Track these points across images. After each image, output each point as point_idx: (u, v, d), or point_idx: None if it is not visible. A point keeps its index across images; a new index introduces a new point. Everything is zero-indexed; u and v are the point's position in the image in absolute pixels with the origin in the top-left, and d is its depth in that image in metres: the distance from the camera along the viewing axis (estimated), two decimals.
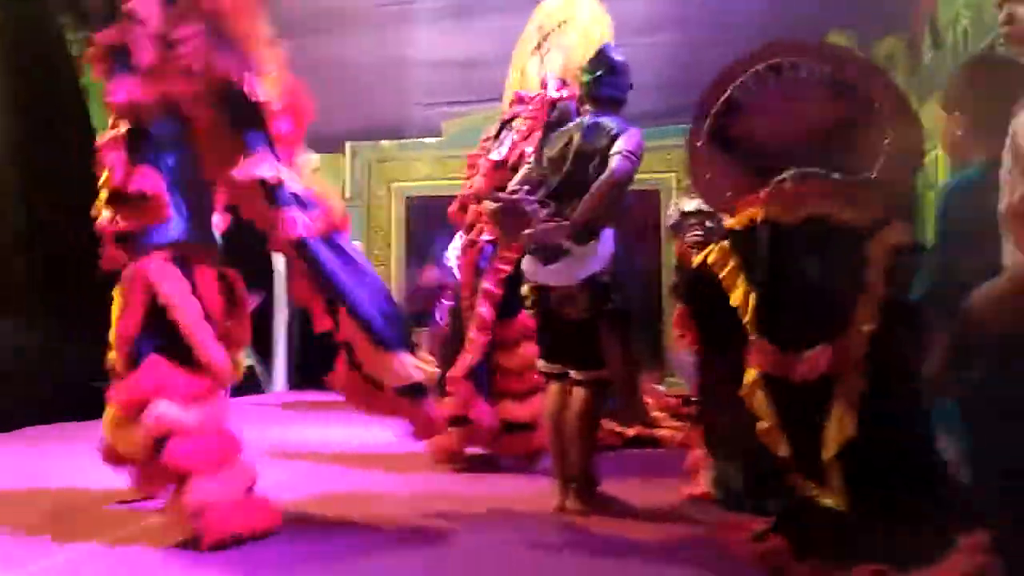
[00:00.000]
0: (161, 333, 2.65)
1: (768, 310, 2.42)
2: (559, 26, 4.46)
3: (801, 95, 2.54)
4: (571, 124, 3.27)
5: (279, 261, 8.70)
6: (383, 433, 5.35)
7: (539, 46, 4.52)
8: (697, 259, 2.79)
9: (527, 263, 3.10)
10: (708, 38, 6.96)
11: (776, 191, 2.44)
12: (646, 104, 3.77)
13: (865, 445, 2.26)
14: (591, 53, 3.40)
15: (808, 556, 2.28)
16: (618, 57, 3.27)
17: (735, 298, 2.47)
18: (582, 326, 3.03)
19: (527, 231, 2.98)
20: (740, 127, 2.60)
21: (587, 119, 3.17)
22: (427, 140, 8.84)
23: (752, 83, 2.57)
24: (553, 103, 4.02)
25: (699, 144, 2.67)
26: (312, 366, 8.89)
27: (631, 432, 4.71)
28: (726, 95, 2.60)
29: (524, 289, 3.20)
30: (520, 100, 4.25)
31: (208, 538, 2.50)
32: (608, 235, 2.99)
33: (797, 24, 6.52)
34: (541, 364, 3.26)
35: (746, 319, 2.44)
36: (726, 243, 2.58)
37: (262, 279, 8.47)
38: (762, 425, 2.40)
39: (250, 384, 7.89)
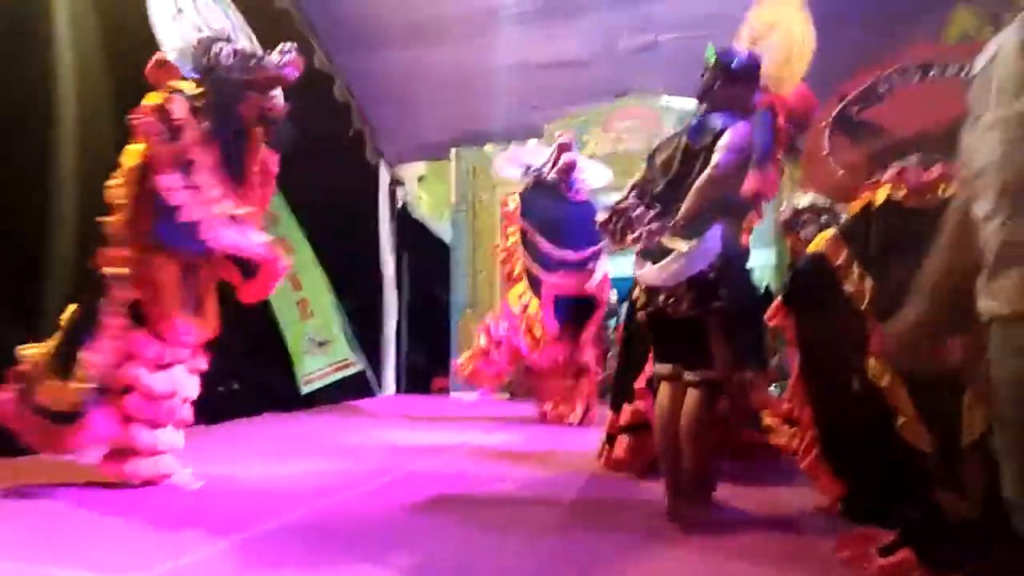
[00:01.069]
0: None
1: (891, 295, 2.31)
2: (768, 29, 4.29)
3: (940, 87, 2.53)
4: (682, 127, 3.21)
5: (388, 266, 8.96)
6: (507, 436, 5.44)
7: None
8: (806, 253, 2.73)
9: (636, 265, 3.07)
10: (824, 25, 6.68)
11: (903, 174, 2.39)
12: None
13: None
14: (795, 57, 3.30)
15: (940, 571, 2.15)
16: (735, 59, 3.12)
17: (850, 284, 2.39)
18: (690, 325, 2.97)
19: (632, 235, 2.97)
20: (871, 113, 2.63)
21: (694, 119, 3.09)
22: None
23: (896, 76, 2.62)
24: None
25: (822, 124, 2.74)
26: (420, 371, 9.16)
27: (743, 439, 4.54)
28: (866, 84, 2.66)
29: (635, 292, 3.16)
30: None
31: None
32: (715, 232, 2.90)
33: (919, 4, 6.16)
34: (656, 366, 3.21)
35: (863, 305, 2.35)
36: (836, 231, 2.52)
37: (370, 286, 8.74)
38: (903, 420, 2.28)
39: (362, 388, 8.15)
